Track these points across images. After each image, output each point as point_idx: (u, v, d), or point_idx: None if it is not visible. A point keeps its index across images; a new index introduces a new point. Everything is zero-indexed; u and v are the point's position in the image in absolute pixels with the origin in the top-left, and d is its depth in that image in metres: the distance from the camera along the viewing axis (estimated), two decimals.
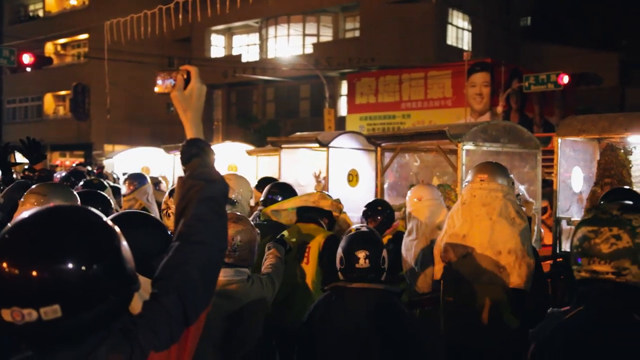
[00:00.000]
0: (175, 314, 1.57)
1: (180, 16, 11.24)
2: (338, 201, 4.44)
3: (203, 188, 1.76)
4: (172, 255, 1.67)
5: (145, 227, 2.37)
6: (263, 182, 6.03)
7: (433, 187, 5.24)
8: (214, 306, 2.89)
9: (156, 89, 1.91)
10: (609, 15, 33.38)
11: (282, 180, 6.29)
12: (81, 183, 5.64)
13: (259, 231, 3.36)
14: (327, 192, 4.47)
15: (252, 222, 3.28)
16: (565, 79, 17.12)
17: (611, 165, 5.93)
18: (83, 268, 1.39)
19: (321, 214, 4.39)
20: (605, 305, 1.85)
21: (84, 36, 33.67)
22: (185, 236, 1.70)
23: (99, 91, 26.96)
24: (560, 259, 5.77)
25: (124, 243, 1.54)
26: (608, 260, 1.84)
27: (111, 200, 3.90)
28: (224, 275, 3.06)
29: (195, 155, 1.83)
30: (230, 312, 2.99)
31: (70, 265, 1.38)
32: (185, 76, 1.90)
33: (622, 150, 5.96)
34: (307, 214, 4.36)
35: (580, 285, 1.93)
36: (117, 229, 1.54)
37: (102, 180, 6.23)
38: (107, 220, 1.54)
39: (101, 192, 4.22)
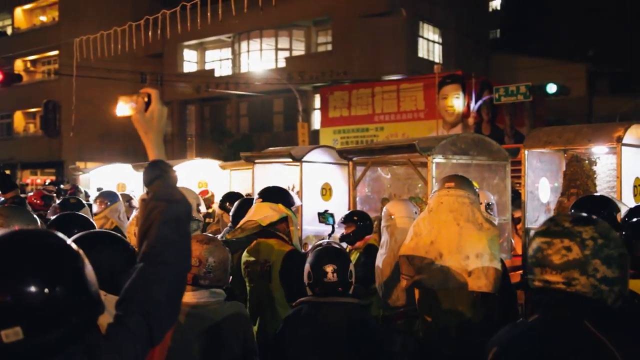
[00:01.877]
0: (140, 335, 1.58)
1: (151, 32, 11.22)
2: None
3: (166, 209, 1.78)
4: (136, 277, 1.69)
5: (111, 246, 2.39)
6: (228, 198, 6.04)
7: (408, 203, 5.26)
8: (190, 327, 2.92)
9: (118, 113, 1.94)
10: (576, 27, 34.07)
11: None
12: (58, 202, 5.61)
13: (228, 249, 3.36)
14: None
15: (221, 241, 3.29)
16: (554, 88, 17.37)
17: (577, 176, 6.05)
18: (45, 290, 1.40)
19: (280, 221, 4.33)
20: (557, 314, 1.91)
21: (54, 53, 33.37)
22: (149, 257, 1.72)
23: (70, 108, 26.69)
24: None
25: (88, 265, 1.54)
26: (559, 271, 1.90)
27: (92, 221, 3.86)
28: (200, 297, 3.06)
29: (158, 177, 1.85)
30: (207, 332, 2.99)
31: (32, 288, 1.38)
32: (146, 99, 1.92)
33: (587, 161, 6.09)
34: (266, 228, 4.27)
35: (535, 294, 2.00)
36: (80, 251, 1.55)
37: (79, 199, 6.17)
38: (70, 242, 1.55)
39: (80, 214, 4.17)
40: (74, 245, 1.55)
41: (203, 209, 6.24)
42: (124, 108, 1.93)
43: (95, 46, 11.62)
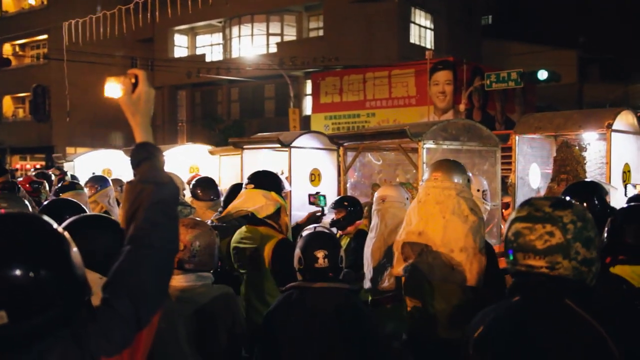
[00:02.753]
0: (128, 318, 1.58)
1: (141, 16, 11.11)
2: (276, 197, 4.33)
3: (153, 191, 1.77)
4: (123, 260, 1.68)
5: (106, 229, 2.38)
6: (199, 184, 5.97)
7: (400, 188, 5.27)
8: (177, 310, 2.92)
9: (106, 94, 1.92)
10: (568, 13, 34.08)
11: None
12: (57, 187, 5.58)
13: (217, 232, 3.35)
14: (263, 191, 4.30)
15: (210, 225, 3.27)
16: (545, 75, 17.36)
17: (567, 162, 6.08)
18: (30, 274, 1.39)
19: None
20: (540, 294, 1.95)
21: (43, 37, 33.05)
22: (136, 240, 1.71)
23: (59, 93, 26.50)
24: None
25: (74, 249, 1.53)
26: (542, 256, 1.94)
27: (84, 206, 3.83)
28: (187, 281, 3.05)
29: (145, 159, 1.84)
30: (194, 315, 2.99)
31: (16, 272, 1.37)
32: (133, 80, 1.90)
33: (577, 147, 6.11)
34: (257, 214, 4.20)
35: (515, 276, 2.03)
36: (66, 234, 1.54)
37: (76, 182, 6.14)
38: (56, 226, 1.54)
39: (71, 200, 4.12)
40: (59, 229, 1.54)
41: (188, 193, 6.22)
42: (111, 90, 1.90)
43: (85, 30, 11.51)
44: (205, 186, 5.95)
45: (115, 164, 11.40)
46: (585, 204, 3.67)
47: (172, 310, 2.94)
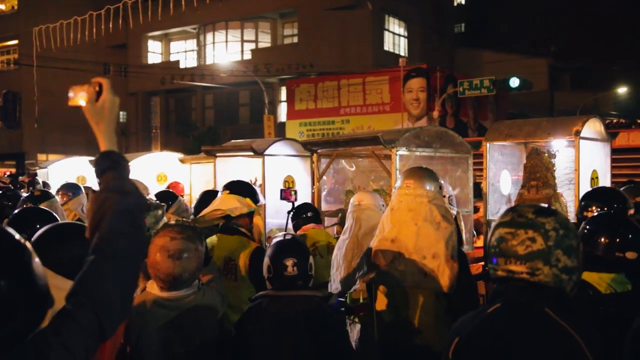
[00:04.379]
0: (90, 330, 1.55)
1: (113, 22, 11.01)
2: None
3: (118, 201, 1.75)
4: (87, 270, 1.65)
5: (77, 238, 2.35)
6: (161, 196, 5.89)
7: (375, 195, 5.30)
8: (161, 317, 2.89)
9: (69, 103, 1.90)
10: (539, 22, 34.62)
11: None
12: (25, 195, 5.45)
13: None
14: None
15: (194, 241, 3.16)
16: (517, 82, 17.59)
17: (536, 169, 6.14)
18: None
19: (245, 215, 4.26)
20: (520, 301, 1.95)
21: (14, 42, 32.57)
22: (100, 250, 1.69)
23: (30, 99, 26.07)
24: None
25: (36, 260, 1.50)
26: (523, 261, 1.95)
27: (55, 214, 3.76)
28: (177, 294, 3.02)
29: (109, 168, 1.82)
30: (177, 323, 2.97)
31: None
32: (97, 88, 1.88)
33: (547, 154, 6.18)
34: (229, 223, 4.21)
35: (497, 282, 2.04)
36: (27, 244, 1.51)
37: (46, 191, 6.02)
38: (17, 236, 1.51)
39: (43, 208, 4.03)
40: (20, 239, 1.51)
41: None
42: (75, 98, 1.88)
43: (55, 36, 11.36)
44: (166, 198, 5.87)
45: (90, 171, 11.27)
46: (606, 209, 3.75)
47: (156, 316, 2.95)
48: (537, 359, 1.87)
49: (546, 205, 2.08)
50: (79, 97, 1.88)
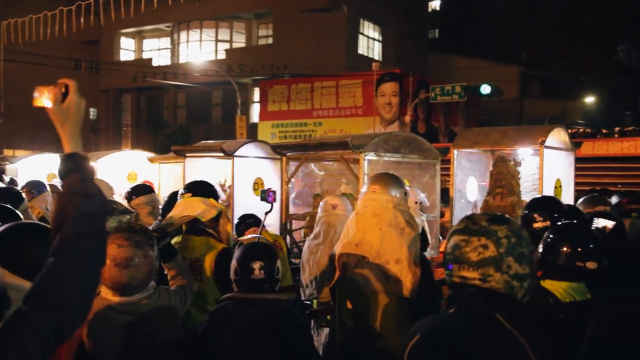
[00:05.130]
0: (48, 332, 1.55)
1: (84, 18, 10.88)
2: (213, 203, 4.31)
3: (80, 203, 1.74)
4: (46, 272, 1.64)
5: (38, 238, 2.33)
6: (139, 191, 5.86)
7: (344, 198, 5.35)
8: (118, 321, 2.87)
9: (35, 103, 1.88)
10: (510, 31, 35.11)
11: None
12: None
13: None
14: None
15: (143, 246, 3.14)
16: (488, 89, 17.77)
17: (502, 176, 6.23)
18: None
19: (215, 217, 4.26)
20: (472, 307, 2.00)
21: None
22: (61, 252, 1.68)
23: None
24: None
25: None
26: (476, 268, 1.99)
27: (18, 212, 3.68)
28: (130, 298, 2.98)
29: (73, 170, 1.81)
30: (135, 325, 2.94)
31: None
32: (63, 89, 1.87)
33: (512, 162, 6.28)
34: (196, 224, 4.17)
35: (452, 288, 2.08)
36: None
37: (13, 188, 5.90)
38: None
39: (7, 207, 3.95)
40: None
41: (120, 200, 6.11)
42: (40, 98, 1.87)
43: (25, 30, 11.17)
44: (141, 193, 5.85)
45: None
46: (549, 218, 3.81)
47: (112, 320, 2.91)
48: None
49: (500, 214, 2.13)
50: (45, 98, 1.87)
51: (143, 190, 5.90)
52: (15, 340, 1.50)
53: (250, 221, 5.51)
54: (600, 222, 3.82)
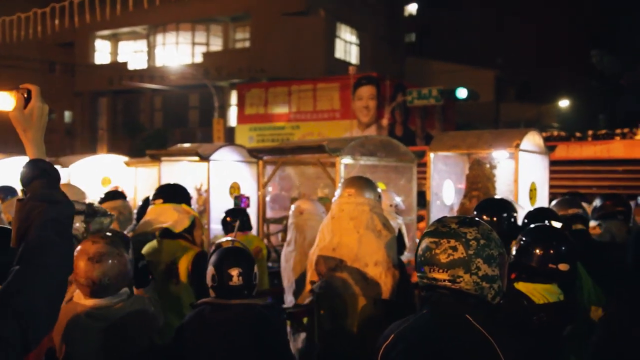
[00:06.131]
0: (12, 341, 1.52)
1: (59, 21, 10.74)
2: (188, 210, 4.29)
3: (45, 210, 1.72)
4: (12, 280, 1.62)
5: (5, 242, 2.28)
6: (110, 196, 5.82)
7: (316, 202, 5.35)
8: (92, 327, 2.83)
9: None
10: (486, 35, 35.47)
11: None
12: None
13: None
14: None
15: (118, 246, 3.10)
16: (464, 93, 17.92)
17: (478, 179, 6.29)
18: None
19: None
20: (442, 308, 2.04)
21: None
22: (26, 260, 1.66)
23: None
24: None
25: None
26: (445, 269, 2.02)
27: None
28: (102, 302, 2.93)
29: (37, 177, 1.79)
30: (109, 331, 2.90)
31: None
32: (25, 95, 1.84)
33: (488, 165, 6.34)
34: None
35: (424, 290, 2.12)
36: None
37: None
38: None
39: None
40: None
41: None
42: (2, 103, 1.83)
43: None
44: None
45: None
46: (495, 220, 3.83)
47: (84, 326, 2.86)
48: None
49: (471, 217, 2.16)
50: (6, 103, 1.83)
51: (114, 196, 5.84)
52: None
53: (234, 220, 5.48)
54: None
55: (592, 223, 4.75)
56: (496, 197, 5.63)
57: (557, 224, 3.78)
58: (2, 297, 1.58)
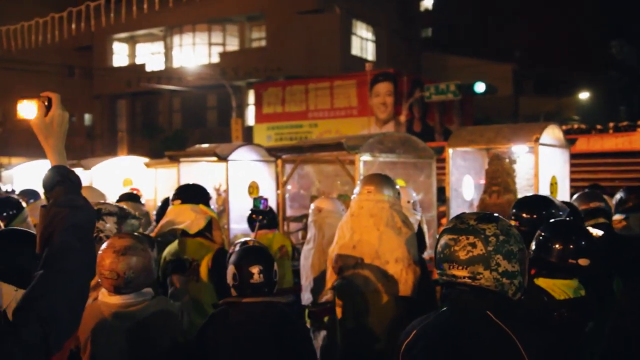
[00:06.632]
0: (35, 345, 1.54)
1: (76, 25, 10.84)
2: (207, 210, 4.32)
3: (67, 215, 1.74)
4: (35, 284, 1.64)
5: (21, 243, 2.31)
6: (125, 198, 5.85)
7: (335, 200, 5.34)
8: (116, 327, 2.86)
9: (18, 116, 1.87)
10: (503, 28, 35.17)
11: None
12: None
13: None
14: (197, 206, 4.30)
15: (143, 242, 3.16)
16: (482, 87, 17.78)
17: (498, 174, 6.23)
18: None
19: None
20: (463, 305, 2.03)
21: None
22: (49, 265, 1.68)
23: None
24: None
25: None
26: (465, 266, 2.01)
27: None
28: (125, 299, 2.98)
29: (59, 184, 1.81)
30: (133, 331, 2.94)
31: None
32: (46, 102, 1.86)
33: (507, 160, 6.28)
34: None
35: (444, 287, 2.11)
36: None
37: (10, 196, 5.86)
38: None
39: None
40: None
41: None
42: (24, 112, 1.86)
43: (17, 37, 11.15)
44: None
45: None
46: (535, 217, 3.71)
47: (110, 326, 2.90)
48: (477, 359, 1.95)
49: (489, 213, 2.14)
50: (28, 111, 1.86)
51: (129, 198, 5.88)
52: (2, 353, 1.49)
53: (263, 222, 5.51)
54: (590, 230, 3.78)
55: (617, 217, 4.66)
56: (538, 194, 5.51)
57: (599, 232, 3.70)
58: (25, 302, 1.61)
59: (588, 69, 32.97)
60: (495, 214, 2.13)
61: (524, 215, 3.74)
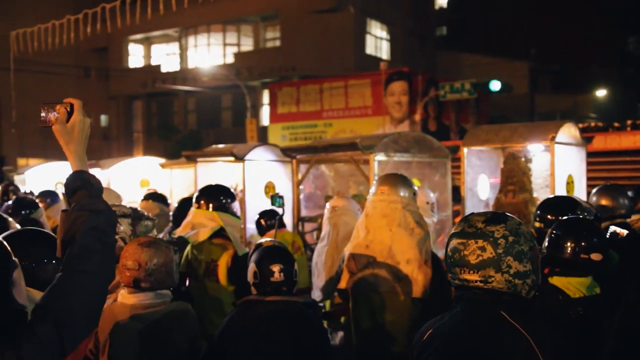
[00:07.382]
0: (50, 344, 1.57)
1: (91, 26, 10.94)
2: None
3: (88, 218, 1.78)
4: (55, 285, 1.68)
5: (45, 245, 2.34)
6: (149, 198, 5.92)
7: (350, 200, 5.36)
8: (133, 328, 2.91)
9: (40, 122, 1.90)
10: (519, 26, 34.93)
11: None
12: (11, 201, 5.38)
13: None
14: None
15: (166, 243, 3.24)
16: (498, 85, 17.70)
17: (513, 173, 6.21)
18: None
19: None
20: (477, 306, 2.03)
21: None
22: (69, 266, 1.72)
23: (8, 103, 25.86)
24: None
25: (16, 271, 1.54)
26: (476, 270, 2.01)
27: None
28: (144, 299, 3.03)
29: (80, 188, 1.85)
30: (151, 333, 2.97)
31: None
32: (68, 108, 1.89)
33: (523, 159, 6.25)
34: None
35: (457, 290, 2.12)
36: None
37: (31, 199, 5.94)
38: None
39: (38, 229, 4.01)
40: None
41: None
42: (45, 118, 1.89)
43: (33, 39, 11.29)
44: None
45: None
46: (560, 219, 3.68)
47: (128, 328, 2.94)
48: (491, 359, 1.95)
49: (498, 213, 2.13)
50: (50, 117, 1.89)
51: (154, 198, 5.95)
52: (14, 352, 1.52)
53: (271, 222, 5.53)
54: (615, 229, 3.76)
55: (636, 216, 4.63)
56: (563, 195, 5.48)
57: (624, 231, 3.68)
58: (44, 302, 1.64)
59: (605, 66, 32.65)
60: (504, 213, 2.12)
61: (549, 217, 3.73)
